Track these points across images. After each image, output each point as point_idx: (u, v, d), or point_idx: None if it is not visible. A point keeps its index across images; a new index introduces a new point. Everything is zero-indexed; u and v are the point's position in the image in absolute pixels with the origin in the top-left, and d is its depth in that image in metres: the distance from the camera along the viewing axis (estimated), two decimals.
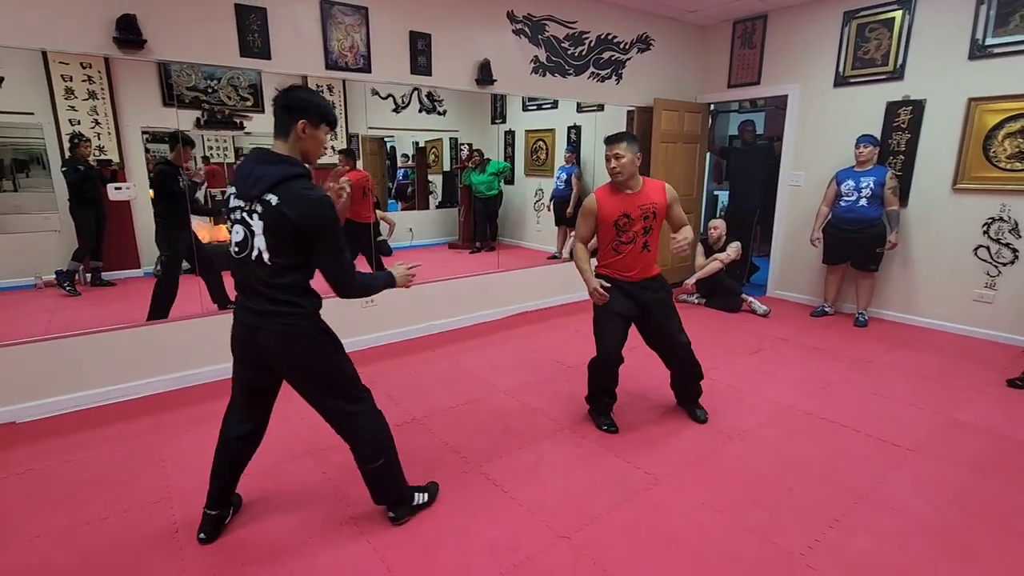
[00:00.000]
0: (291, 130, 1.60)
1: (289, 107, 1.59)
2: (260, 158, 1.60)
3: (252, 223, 1.59)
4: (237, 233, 1.64)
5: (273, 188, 1.55)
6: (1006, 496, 2.13)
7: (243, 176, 1.59)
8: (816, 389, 3.12)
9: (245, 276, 1.66)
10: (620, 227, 2.49)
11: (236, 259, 1.66)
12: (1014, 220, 3.79)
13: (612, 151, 2.44)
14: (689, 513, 2.03)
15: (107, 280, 3.54)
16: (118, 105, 3.32)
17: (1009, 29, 3.69)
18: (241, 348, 1.73)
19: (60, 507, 2.05)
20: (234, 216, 1.65)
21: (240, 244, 1.64)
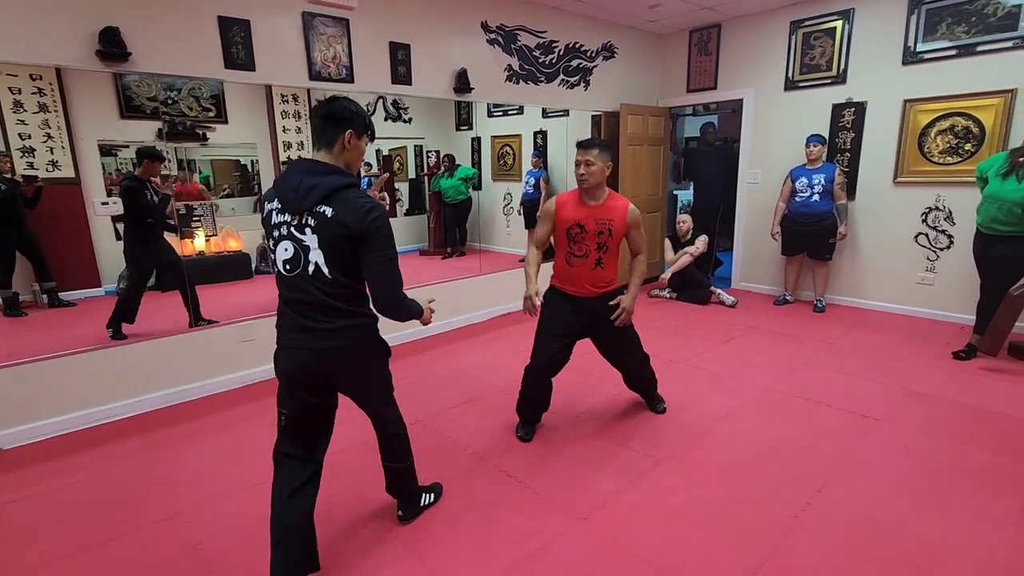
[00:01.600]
0: (336, 140, 1.56)
1: (335, 117, 1.55)
2: (307, 169, 1.53)
3: (304, 237, 1.52)
4: (285, 250, 1.55)
5: (326, 199, 1.50)
6: (962, 454, 2.40)
7: (290, 188, 1.51)
8: (788, 371, 3.37)
9: (300, 294, 1.56)
10: (572, 237, 2.40)
11: (287, 277, 1.57)
12: (948, 209, 4.19)
13: (583, 157, 2.32)
14: (690, 489, 2.19)
15: (67, 300, 3.36)
16: (72, 118, 3.22)
17: (937, 36, 4.08)
18: (302, 373, 1.61)
19: (68, 530, 2.02)
20: (280, 232, 1.56)
21: (291, 261, 1.55)
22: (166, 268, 3.50)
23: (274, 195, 1.58)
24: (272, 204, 1.57)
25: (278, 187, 1.57)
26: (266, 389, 3.28)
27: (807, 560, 1.78)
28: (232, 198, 4.12)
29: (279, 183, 1.57)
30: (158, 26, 2.83)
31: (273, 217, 1.57)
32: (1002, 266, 3.34)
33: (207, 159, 3.90)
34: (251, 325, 3.38)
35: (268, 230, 1.60)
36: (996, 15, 3.83)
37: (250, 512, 2.08)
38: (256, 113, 3.69)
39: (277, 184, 1.58)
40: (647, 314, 4.75)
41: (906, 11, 4.17)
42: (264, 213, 1.60)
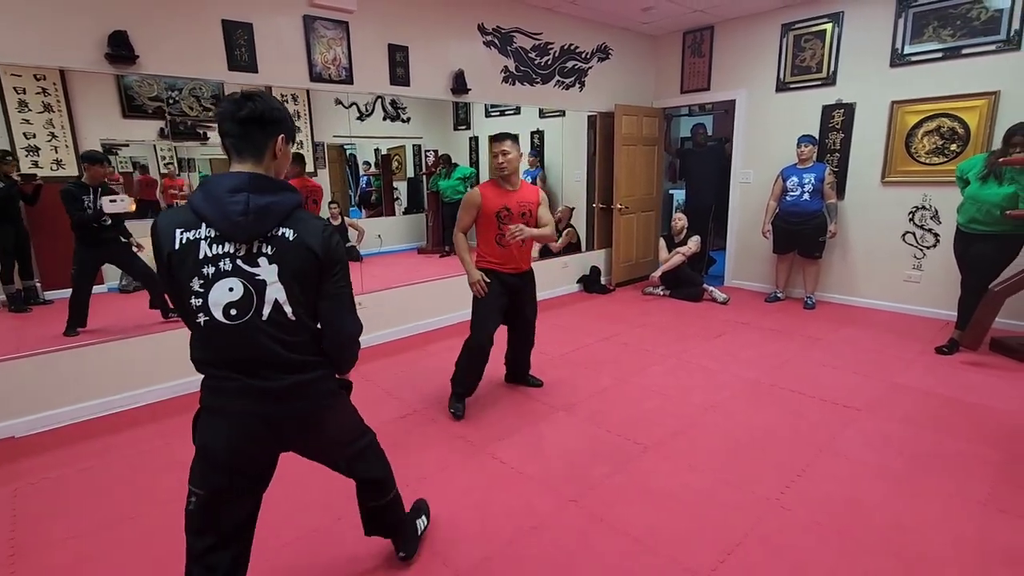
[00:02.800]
0: (266, 148, 1.26)
1: (263, 120, 1.24)
2: (249, 184, 1.20)
3: (257, 271, 1.21)
4: (230, 290, 1.20)
5: (285, 220, 1.23)
6: (939, 443, 2.50)
7: (232, 210, 1.18)
8: (776, 365, 3.47)
9: (246, 348, 1.23)
10: (501, 219, 2.68)
11: (228, 326, 1.21)
12: (934, 208, 4.30)
13: (500, 147, 2.63)
14: (677, 474, 2.29)
15: (46, 299, 3.31)
16: (76, 117, 3.29)
17: (924, 39, 4.19)
18: (247, 446, 1.29)
19: (85, 510, 2.12)
20: (217, 267, 1.19)
21: (238, 304, 1.20)
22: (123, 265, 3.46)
23: (198, 221, 1.20)
24: (197, 231, 1.19)
25: (203, 209, 1.19)
26: None
27: (786, 537, 1.88)
28: None
29: (202, 204, 1.20)
30: (164, 29, 2.93)
31: (203, 248, 1.19)
32: (982, 264, 3.45)
33: (207, 158, 3.97)
34: None
35: (191, 266, 1.19)
36: (980, 19, 3.94)
37: None
38: None
39: (197, 206, 1.20)
40: (641, 310, 4.86)
41: (894, 14, 4.28)
42: (176, 244, 1.19)
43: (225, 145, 1.26)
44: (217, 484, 1.30)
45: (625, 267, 5.82)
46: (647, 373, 3.38)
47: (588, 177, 5.73)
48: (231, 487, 1.31)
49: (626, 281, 5.84)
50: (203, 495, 1.30)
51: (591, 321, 4.56)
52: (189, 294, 1.21)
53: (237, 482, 1.32)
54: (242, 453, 1.30)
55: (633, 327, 4.34)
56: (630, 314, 4.74)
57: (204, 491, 1.30)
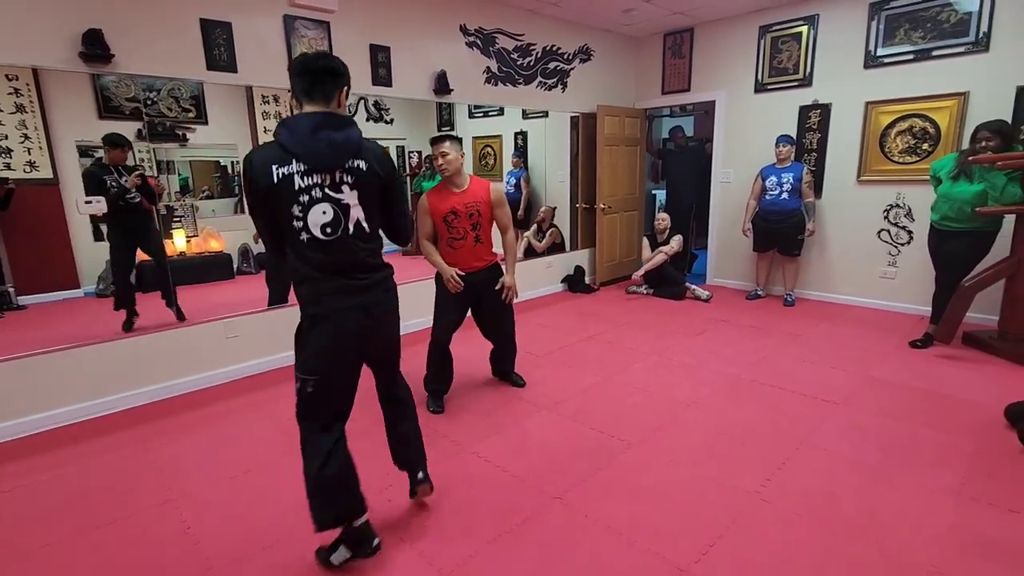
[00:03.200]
0: (334, 95, 1.51)
1: (335, 71, 1.50)
2: (327, 123, 1.47)
3: (342, 196, 1.50)
4: (324, 213, 1.49)
5: (358, 153, 1.51)
6: (914, 435, 2.56)
7: (318, 146, 1.45)
8: (756, 361, 3.53)
9: (341, 255, 1.54)
10: (448, 223, 2.70)
11: (325, 240, 1.51)
12: (908, 206, 4.40)
13: (438, 150, 2.64)
14: (660, 469, 2.32)
15: (19, 304, 3.25)
16: (50, 118, 3.23)
17: (896, 41, 4.29)
18: (352, 336, 1.61)
19: (63, 517, 2.08)
20: (312, 195, 1.47)
21: (331, 223, 1.50)
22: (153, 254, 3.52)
23: (288, 157, 1.45)
24: (289, 167, 1.45)
25: (292, 147, 1.45)
26: (250, 384, 3.35)
27: (767, 528, 1.92)
28: (212, 199, 4.15)
29: (291, 142, 1.45)
30: (141, 28, 2.88)
31: (297, 181, 1.45)
32: (955, 260, 3.54)
33: (186, 160, 3.92)
34: (236, 322, 3.44)
35: (288, 196, 1.46)
36: (950, 21, 4.04)
37: (238, 499, 2.16)
38: (237, 114, 3.74)
39: (287, 144, 1.45)
40: (624, 309, 4.90)
41: (867, 17, 4.38)
42: (275, 179, 1.44)
43: (296, 90, 1.52)
44: (328, 368, 1.63)
45: (609, 266, 5.86)
46: (630, 371, 3.41)
47: (571, 177, 5.76)
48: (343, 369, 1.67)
49: (610, 280, 5.89)
50: (319, 379, 1.62)
51: (575, 320, 4.58)
52: (291, 218, 1.49)
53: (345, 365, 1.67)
54: (350, 341, 1.63)
55: (617, 326, 4.38)
56: (614, 313, 4.78)
57: (319, 375, 1.62)
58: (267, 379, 3.43)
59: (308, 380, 1.62)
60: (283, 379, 3.42)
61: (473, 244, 2.75)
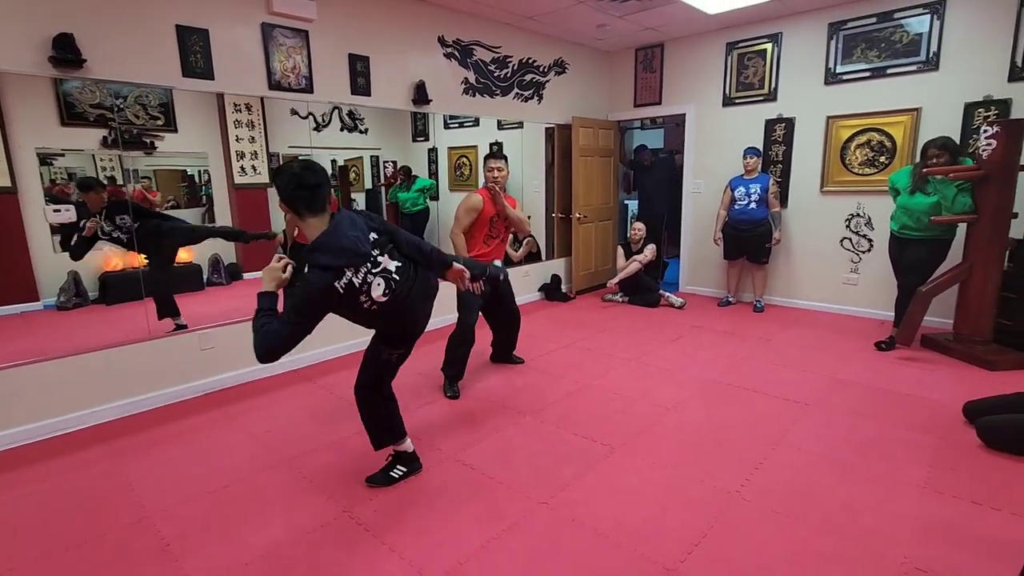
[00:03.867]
0: (326, 202, 1.87)
1: (324, 183, 1.83)
2: (346, 227, 1.86)
3: (382, 262, 1.93)
4: (379, 286, 1.91)
5: (367, 227, 1.94)
6: (881, 432, 2.68)
7: (355, 252, 1.84)
8: (730, 365, 3.63)
9: (404, 288, 2.00)
10: (493, 224, 3.23)
11: (392, 296, 1.96)
12: (868, 215, 4.61)
13: (495, 164, 3.19)
14: (642, 471, 2.36)
15: None
16: (8, 124, 3.12)
17: (853, 59, 4.52)
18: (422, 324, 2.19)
19: (30, 538, 1.99)
20: (367, 280, 1.88)
21: (387, 289, 1.94)
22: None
23: (342, 270, 1.81)
24: (345, 278, 1.82)
25: (341, 261, 1.81)
26: (225, 397, 3.27)
27: (747, 526, 1.97)
28: (178, 209, 4.05)
29: (340, 261, 1.81)
30: (114, 33, 2.83)
31: (355, 282, 1.85)
32: (915, 266, 3.73)
33: (151, 168, 3.82)
34: (210, 334, 3.36)
35: (353, 295, 1.86)
36: (902, 42, 4.29)
37: (217, 514, 2.11)
38: (208, 122, 3.67)
39: (336, 265, 1.81)
40: (601, 317, 4.97)
41: (826, 36, 4.60)
42: (340, 290, 1.82)
43: (297, 205, 1.82)
44: (404, 347, 2.22)
45: (585, 275, 5.94)
46: (610, 376, 3.47)
47: (546, 187, 5.84)
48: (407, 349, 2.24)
49: (586, 289, 5.97)
50: (400, 353, 2.21)
51: (554, 328, 4.63)
52: (359, 305, 1.91)
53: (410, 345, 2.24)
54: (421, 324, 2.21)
55: (595, 333, 4.44)
56: (591, 320, 4.85)
57: (401, 349, 2.21)
58: (243, 391, 3.36)
59: (394, 354, 2.22)
60: (259, 391, 3.35)
61: (503, 242, 3.37)
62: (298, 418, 2.95)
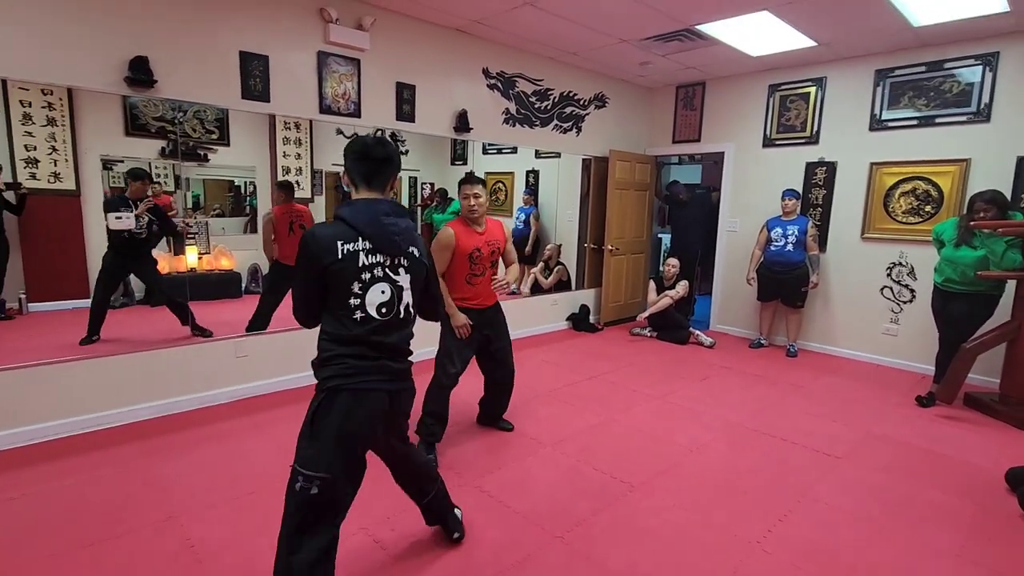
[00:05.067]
0: (388, 182, 1.61)
1: (392, 161, 1.60)
2: (393, 210, 1.56)
3: (399, 278, 1.56)
4: (382, 292, 1.53)
5: (414, 241, 1.61)
6: (914, 492, 2.57)
7: (388, 230, 1.53)
8: (758, 410, 3.55)
9: (388, 337, 1.55)
10: (473, 260, 2.72)
11: (378, 320, 1.53)
12: (911, 265, 4.49)
13: (471, 191, 2.68)
14: (661, 513, 2.32)
15: (4, 314, 3.21)
16: (78, 133, 3.33)
17: (900, 107, 4.46)
18: (375, 415, 1.56)
19: (65, 529, 2.08)
20: (373, 273, 1.52)
21: (387, 304, 1.54)
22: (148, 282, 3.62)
23: (355, 234, 1.50)
24: (357, 244, 1.50)
25: (361, 226, 1.51)
26: (255, 405, 3.36)
27: None
28: (223, 218, 4.24)
29: (360, 222, 1.51)
30: (184, 57, 3.04)
31: (362, 258, 1.50)
32: (959, 320, 3.60)
33: (200, 178, 4.02)
34: (245, 342, 3.48)
35: (351, 272, 1.49)
36: (952, 92, 4.22)
37: (242, 521, 2.17)
38: (258, 138, 3.88)
39: (356, 223, 1.51)
40: (628, 350, 4.93)
41: (872, 83, 4.56)
42: (339, 255, 1.47)
43: (354, 174, 1.59)
44: (345, 462, 1.52)
45: (614, 307, 5.92)
46: (633, 412, 3.43)
47: (580, 217, 5.89)
48: (356, 465, 1.56)
49: (614, 321, 5.94)
50: (329, 478, 1.47)
51: (579, 359, 4.62)
52: (349, 295, 1.50)
53: (361, 459, 1.57)
54: (373, 425, 1.56)
55: (620, 366, 4.41)
56: (618, 354, 4.82)
57: (331, 474, 1.48)
58: (273, 400, 3.46)
59: (315, 479, 1.46)
60: (289, 401, 3.44)
61: (489, 281, 2.81)
62: None
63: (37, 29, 2.64)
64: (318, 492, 1.47)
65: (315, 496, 1.47)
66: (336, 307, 1.52)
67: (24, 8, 2.59)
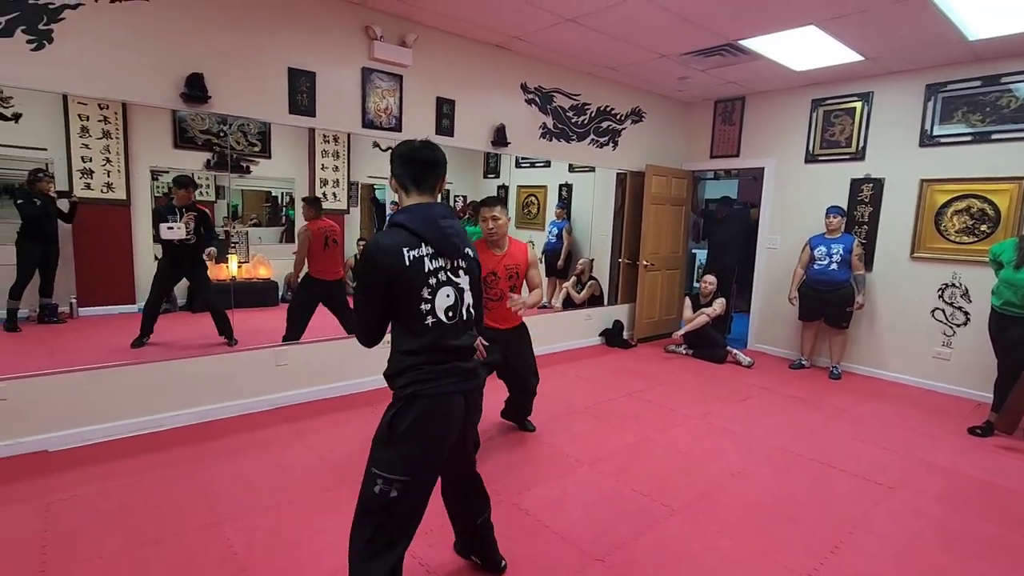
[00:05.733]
0: (436, 185, 1.59)
1: (439, 164, 1.58)
2: (446, 213, 1.56)
3: (459, 280, 1.56)
4: (447, 296, 1.52)
5: (467, 242, 1.61)
6: (972, 526, 2.43)
7: (446, 233, 1.51)
8: (802, 433, 3.42)
9: (458, 339, 1.56)
10: (487, 283, 2.67)
11: (447, 324, 1.53)
12: (965, 286, 4.29)
13: (490, 213, 2.66)
14: (705, 539, 2.25)
15: (57, 318, 3.36)
16: (130, 145, 3.45)
17: (953, 122, 4.30)
18: (455, 418, 1.56)
19: (114, 530, 2.13)
20: (438, 279, 1.51)
21: (453, 307, 1.54)
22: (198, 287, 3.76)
23: (417, 240, 1.48)
24: (421, 250, 1.48)
25: (422, 231, 1.49)
26: (294, 413, 3.41)
27: None
28: (260, 227, 4.35)
29: (421, 227, 1.49)
30: (236, 74, 3.15)
31: (427, 263, 1.49)
32: (1017, 346, 3.42)
33: (239, 188, 4.14)
34: (285, 351, 3.54)
35: (419, 279, 1.48)
36: (1010, 107, 4.05)
37: (282, 529, 2.19)
38: (298, 151, 4.00)
39: (416, 228, 1.49)
40: (663, 368, 4.84)
41: (923, 98, 4.42)
42: (406, 261, 1.46)
43: (404, 178, 1.57)
44: (426, 464, 1.52)
45: (648, 323, 5.83)
46: (671, 432, 3.35)
47: (614, 232, 5.84)
48: (435, 470, 1.57)
49: (648, 337, 5.85)
50: (410, 481, 1.47)
51: (614, 375, 4.55)
52: (419, 301, 1.49)
53: (439, 464, 1.57)
54: (452, 427, 1.56)
55: (656, 384, 4.33)
56: (653, 371, 4.73)
57: (411, 476, 1.47)
58: (312, 409, 3.50)
59: (396, 482, 1.45)
60: (327, 410, 3.48)
61: (501, 304, 2.74)
62: (359, 441, 3.02)
63: (104, 49, 2.77)
64: (398, 495, 1.46)
65: (395, 500, 1.46)
66: (406, 316, 1.51)
67: (94, 31, 2.73)
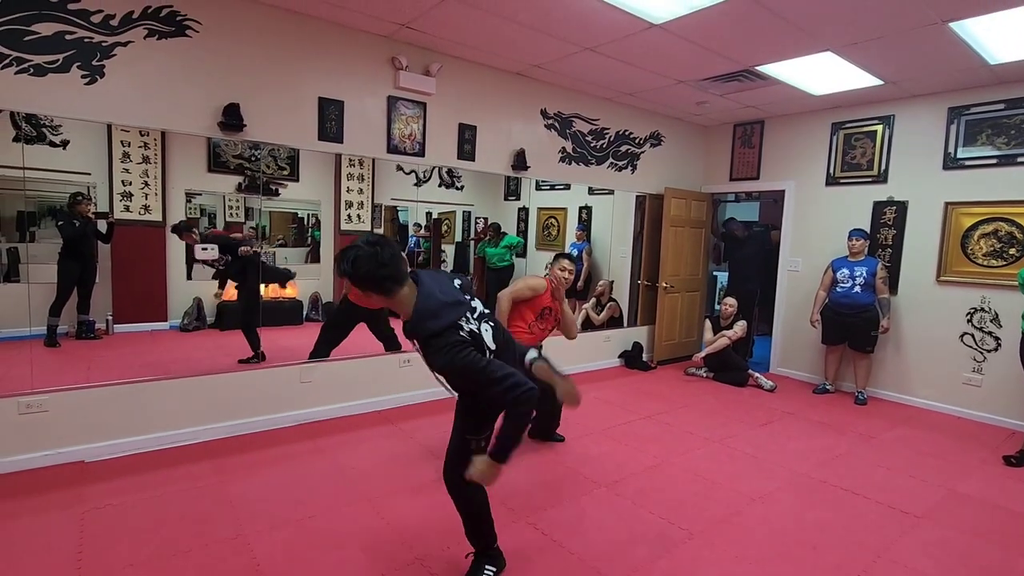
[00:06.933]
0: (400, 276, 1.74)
1: (397, 251, 1.74)
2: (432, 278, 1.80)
3: (475, 310, 1.81)
4: (487, 332, 1.79)
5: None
6: (1006, 559, 2.35)
7: (452, 297, 1.76)
8: (826, 460, 3.36)
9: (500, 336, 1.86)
10: (542, 315, 3.18)
11: (498, 342, 1.83)
12: (995, 311, 4.20)
13: (569, 266, 3.27)
14: (724, 565, 2.22)
15: (94, 335, 3.50)
16: (167, 169, 3.63)
17: (977, 144, 4.26)
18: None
19: (145, 540, 2.20)
20: (478, 330, 1.75)
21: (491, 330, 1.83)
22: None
23: (456, 323, 1.69)
24: (466, 327, 1.71)
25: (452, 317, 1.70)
26: (317, 429, 3.48)
27: None
28: (286, 247, 4.49)
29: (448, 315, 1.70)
30: (270, 103, 3.31)
31: (473, 328, 1.74)
32: None
33: (268, 211, 4.29)
34: (310, 368, 3.63)
35: (480, 341, 1.73)
36: None
37: (305, 544, 2.23)
38: (324, 174, 4.16)
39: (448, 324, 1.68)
40: (684, 390, 4.80)
41: (945, 120, 4.40)
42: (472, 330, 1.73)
43: (387, 282, 1.67)
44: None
45: (668, 346, 5.80)
46: (691, 455, 3.32)
47: (633, 254, 5.87)
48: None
49: (668, 360, 5.81)
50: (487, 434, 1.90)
51: (633, 397, 4.53)
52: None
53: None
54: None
55: (676, 407, 4.30)
56: (673, 394, 4.70)
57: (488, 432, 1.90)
58: (335, 426, 3.56)
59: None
60: (350, 427, 3.54)
61: (544, 335, 3.25)
62: (379, 459, 3.07)
63: (149, 82, 2.95)
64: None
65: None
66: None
67: (141, 66, 2.92)
